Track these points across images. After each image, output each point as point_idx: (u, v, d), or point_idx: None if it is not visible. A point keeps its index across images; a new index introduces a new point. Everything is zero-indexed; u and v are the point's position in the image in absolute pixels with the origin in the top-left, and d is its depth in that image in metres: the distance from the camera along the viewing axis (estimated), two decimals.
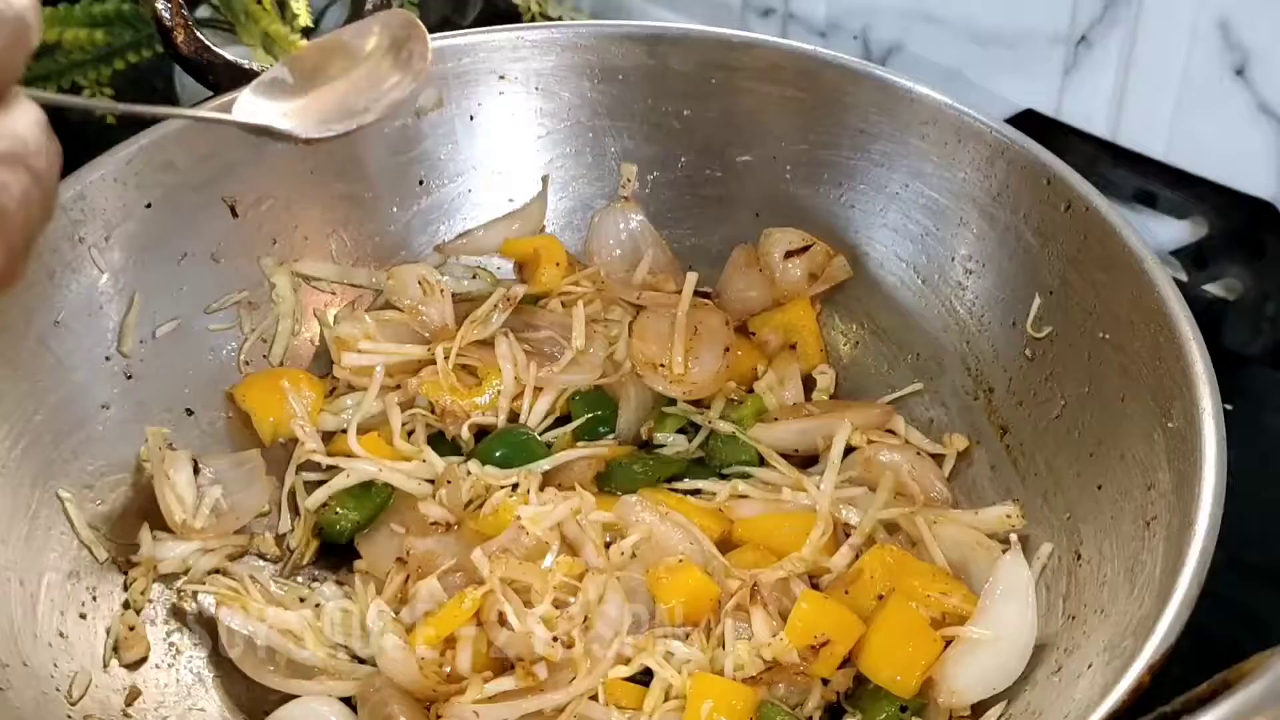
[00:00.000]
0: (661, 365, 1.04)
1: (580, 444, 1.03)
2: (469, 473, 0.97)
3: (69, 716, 0.84)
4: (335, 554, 1.00)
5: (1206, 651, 0.65)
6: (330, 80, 0.87)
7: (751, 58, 1.07)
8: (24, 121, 0.40)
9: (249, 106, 0.84)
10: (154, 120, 0.98)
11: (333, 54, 0.88)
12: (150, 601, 0.94)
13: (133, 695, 0.89)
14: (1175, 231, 1.20)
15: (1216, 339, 1.14)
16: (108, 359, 0.97)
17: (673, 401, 1.05)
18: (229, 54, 1.01)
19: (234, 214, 1.04)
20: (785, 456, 1.01)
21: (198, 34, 0.99)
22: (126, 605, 0.93)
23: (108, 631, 0.91)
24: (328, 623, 0.92)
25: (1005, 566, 0.87)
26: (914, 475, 0.97)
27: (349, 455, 1.00)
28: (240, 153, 1.02)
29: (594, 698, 0.85)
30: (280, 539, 1.01)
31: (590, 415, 1.05)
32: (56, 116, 0.49)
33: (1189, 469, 0.76)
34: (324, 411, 1.05)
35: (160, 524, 0.96)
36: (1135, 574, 0.78)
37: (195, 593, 0.95)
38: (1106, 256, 0.89)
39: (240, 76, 1.00)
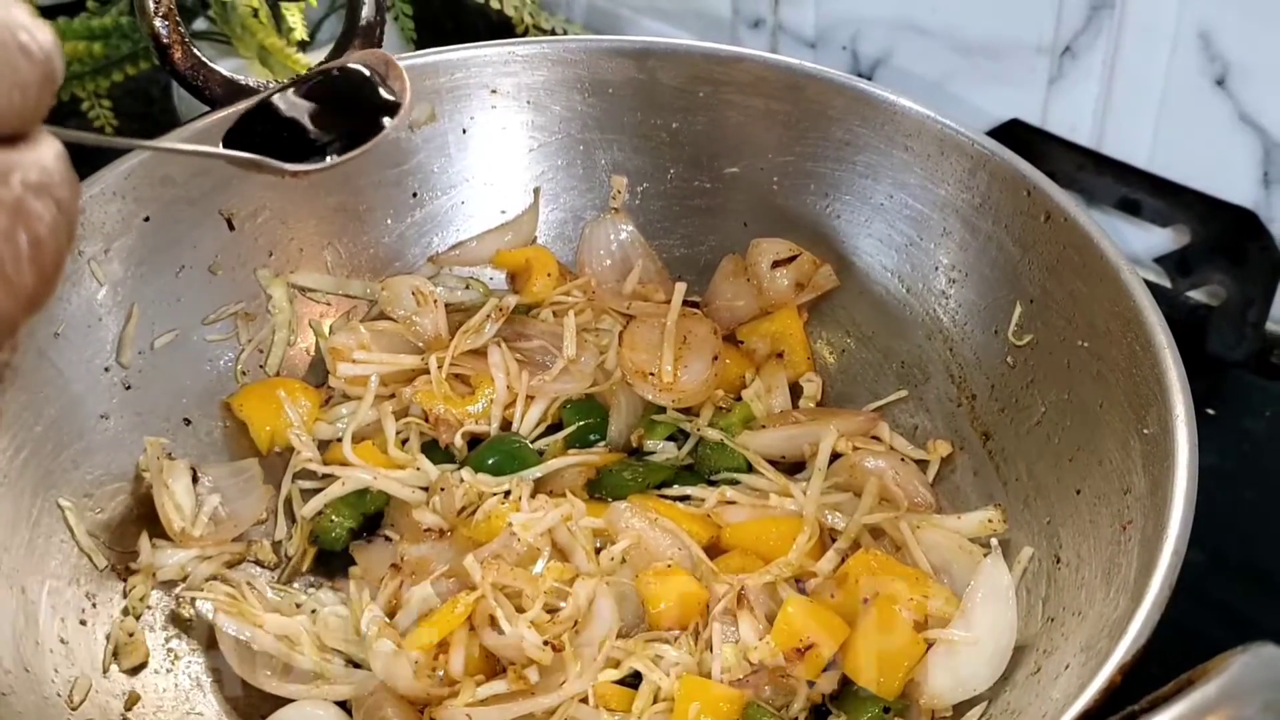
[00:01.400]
0: (651, 374, 1.06)
1: (571, 451, 1.05)
2: (462, 480, 0.99)
3: None
4: (331, 560, 1.02)
5: (1188, 650, 0.66)
6: None
7: (738, 71, 1.08)
8: (49, 154, 0.42)
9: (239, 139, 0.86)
10: (161, 129, 1.00)
11: None
12: (149, 608, 0.95)
13: (132, 700, 0.90)
14: (1158, 239, 1.21)
15: (1200, 345, 1.15)
16: (107, 370, 0.99)
17: (662, 409, 1.07)
18: (225, 66, 1.03)
19: (230, 227, 1.05)
20: (772, 463, 1.03)
21: (194, 51, 1.01)
22: (126, 612, 0.94)
23: (107, 638, 0.92)
24: (323, 628, 0.93)
25: (986, 570, 0.88)
26: (898, 481, 0.98)
27: (344, 464, 1.02)
28: (236, 167, 1.03)
29: (584, 700, 0.86)
30: (277, 546, 1.02)
31: (581, 423, 1.06)
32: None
33: (1163, 474, 0.77)
34: (320, 420, 1.06)
35: (159, 532, 0.98)
36: (1111, 576, 0.79)
37: (194, 599, 0.96)
38: (1085, 266, 0.91)
39: (236, 93, 1.02)
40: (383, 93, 0.87)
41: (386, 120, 0.86)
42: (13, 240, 0.40)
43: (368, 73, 0.88)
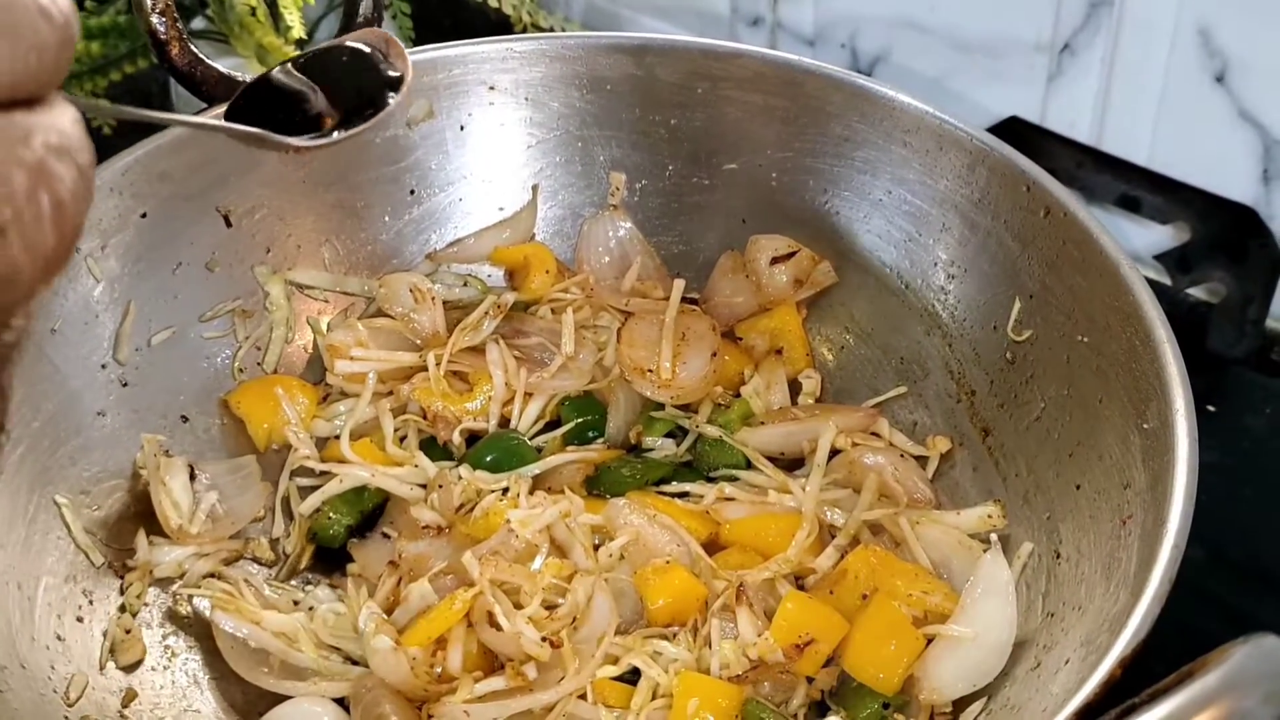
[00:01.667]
0: (650, 370, 1.06)
1: (570, 448, 1.05)
2: (460, 477, 0.99)
3: (66, 718, 0.85)
4: (329, 558, 1.01)
5: (1188, 645, 0.66)
6: None
7: (736, 67, 1.08)
8: (66, 119, 0.42)
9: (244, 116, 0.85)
10: (157, 127, 0.99)
11: None
12: (146, 605, 0.95)
13: (129, 697, 0.90)
14: (1158, 236, 1.21)
15: (1200, 342, 1.15)
16: (104, 367, 0.99)
17: (661, 406, 1.06)
18: (223, 65, 1.02)
19: (228, 223, 1.05)
20: (771, 459, 1.02)
21: (192, 47, 1.01)
22: (123, 609, 0.94)
23: (104, 634, 0.92)
24: (321, 625, 0.93)
25: (986, 566, 0.88)
26: (898, 477, 0.98)
27: (342, 461, 1.01)
28: (234, 163, 1.03)
29: (583, 697, 0.86)
30: (275, 543, 1.02)
31: (580, 420, 1.06)
32: None
33: (1163, 468, 0.77)
34: (317, 418, 1.06)
35: (156, 529, 0.97)
36: (1111, 571, 0.79)
37: (191, 596, 0.96)
38: (1084, 261, 0.91)
39: (234, 88, 1.02)
40: (384, 69, 0.86)
41: (391, 96, 0.85)
42: (35, 201, 0.40)
43: (368, 50, 0.87)
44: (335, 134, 0.83)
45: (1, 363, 0.41)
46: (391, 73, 0.86)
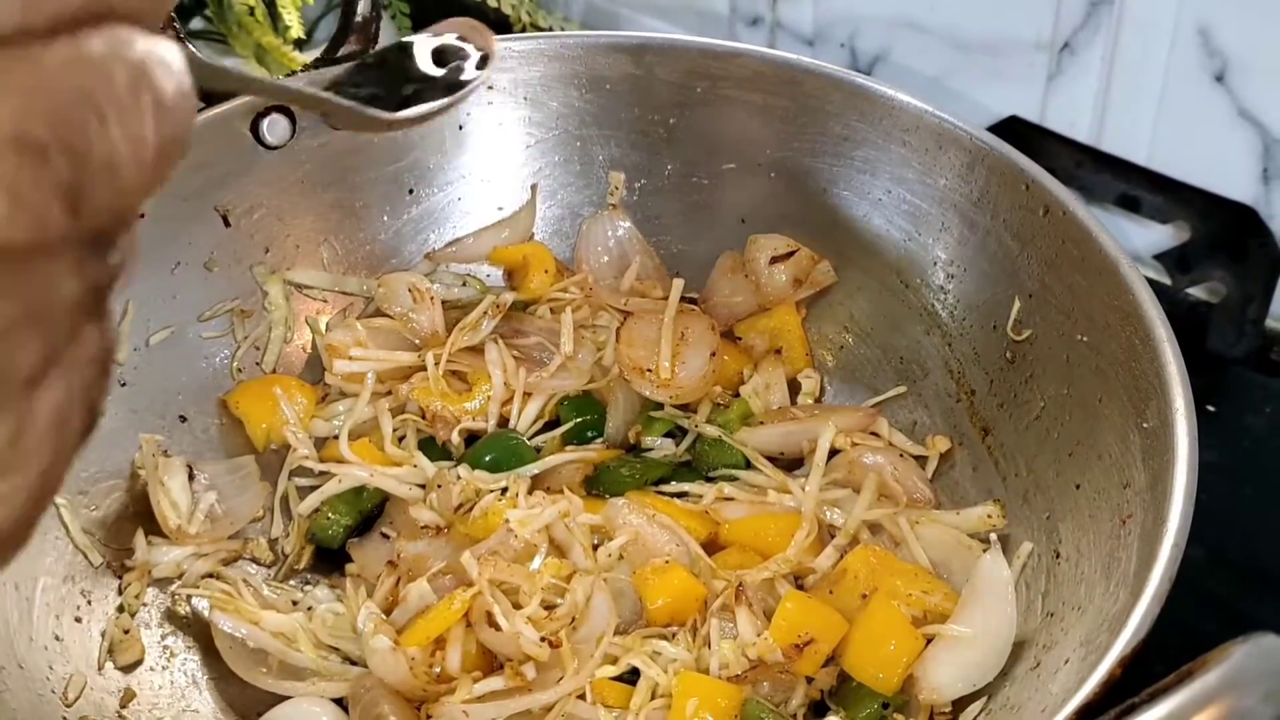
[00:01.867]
0: (649, 370, 1.06)
1: (569, 448, 1.04)
2: (459, 477, 0.98)
3: (64, 718, 0.85)
4: (327, 558, 1.01)
5: (1188, 646, 0.65)
6: None
7: (735, 67, 1.08)
8: (170, 45, 0.42)
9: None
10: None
11: None
12: (144, 605, 0.95)
13: (127, 697, 0.90)
14: (1158, 236, 1.21)
15: (1200, 342, 1.15)
16: None
17: (660, 406, 1.06)
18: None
19: (226, 223, 1.05)
20: (771, 459, 1.02)
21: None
22: (121, 609, 0.94)
23: (103, 635, 0.92)
24: (319, 625, 0.93)
25: (985, 566, 0.88)
26: (897, 477, 0.98)
27: (341, 461, 1.01)
28: (232, 163, 1.03)
29: (582, 697, 0.86)
30: (273, 543, 1.02)
31: (579, 420, 1.06)
32: None
33: (1162, 467, 0.77)
34: (316, 418, 1.06)
35: (155, 529, 0.97)
36: (1111, 570, 0.78)
37: (189, 596, 0.96)
38: (1083, 260, 0.90)
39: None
40: (468, 49, 0.85)
41: (478, 72, 0.84)
42: (136, 95, 0.39)
43: (453, 37, 0.86)
44: (419, 108, 0.81)
45: (106, 291, 0.40)
46: (478, 53, 0.85)
